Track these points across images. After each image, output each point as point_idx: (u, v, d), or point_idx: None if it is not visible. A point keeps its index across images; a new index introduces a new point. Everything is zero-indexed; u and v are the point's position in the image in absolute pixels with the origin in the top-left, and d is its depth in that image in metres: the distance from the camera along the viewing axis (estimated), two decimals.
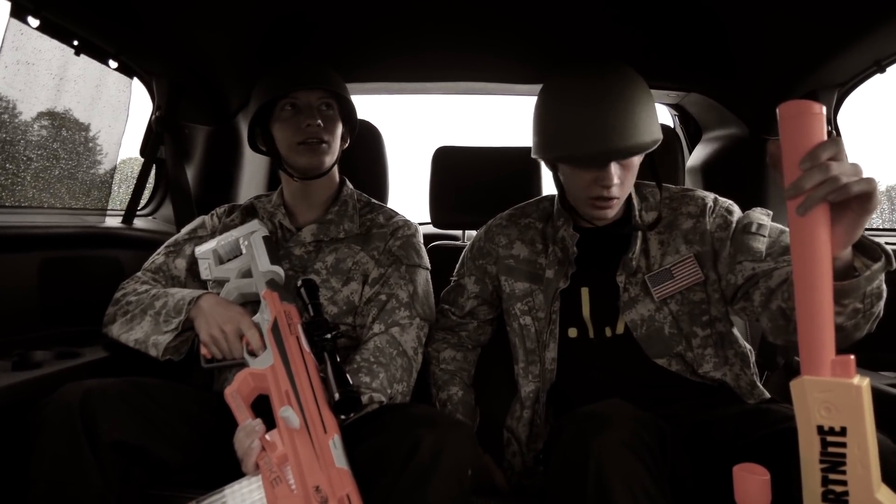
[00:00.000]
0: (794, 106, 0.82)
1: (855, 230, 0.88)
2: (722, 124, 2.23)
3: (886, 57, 1.68)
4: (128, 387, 1.21)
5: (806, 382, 0.80)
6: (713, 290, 1.43)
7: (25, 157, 1.68)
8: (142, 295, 1.45)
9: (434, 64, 2.08)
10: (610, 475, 0.99)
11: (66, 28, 1.58)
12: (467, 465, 1.12)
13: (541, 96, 1.44)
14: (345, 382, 1.14)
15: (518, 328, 1.55)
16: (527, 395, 1.51)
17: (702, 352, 1.41)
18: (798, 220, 0.83)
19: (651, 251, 1.46)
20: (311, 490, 1.02)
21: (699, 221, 1.46)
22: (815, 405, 0.79)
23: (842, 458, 0.78)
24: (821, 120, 0.82)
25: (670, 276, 1.43)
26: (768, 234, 1.36)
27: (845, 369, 0.79)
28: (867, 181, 0.83)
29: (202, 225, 1.66)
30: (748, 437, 1.19)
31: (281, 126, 1.53)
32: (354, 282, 1.53)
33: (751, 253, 1.34)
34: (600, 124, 1.30)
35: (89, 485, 1.08)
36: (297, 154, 1.53)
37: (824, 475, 0.79)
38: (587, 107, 1.32)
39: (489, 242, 1.61)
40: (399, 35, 1.89)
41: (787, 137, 0.84)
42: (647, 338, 1.42)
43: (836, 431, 0.78)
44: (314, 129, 1.51)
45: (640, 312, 1.44)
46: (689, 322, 1.42)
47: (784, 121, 0.83)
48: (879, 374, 1.56)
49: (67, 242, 1.66)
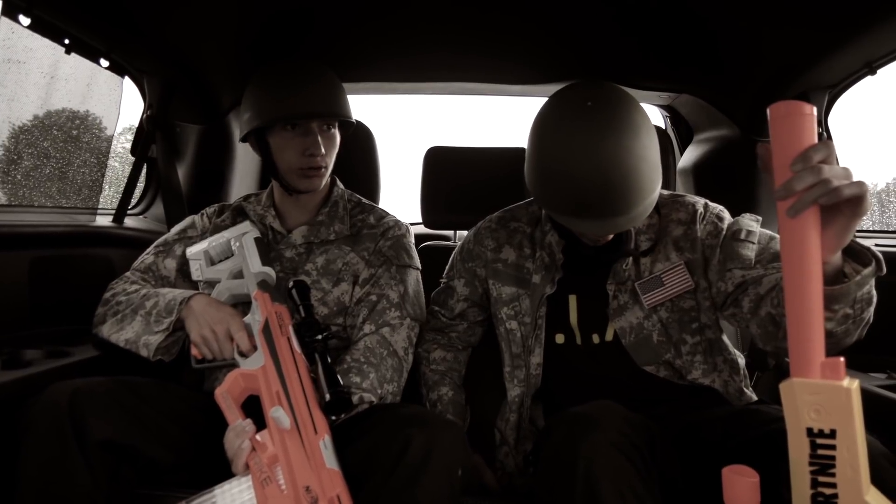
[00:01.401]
0: (785, 106, 0.82)
1: (845, 234, 0.88)
2: (713, 125, 2.23)
3: (877, 59, 1.68)
4: (116, 386, 1.21)
5: (796, 385, 0.80)
6: (703, 297, 1.43)
7: (16, 155, 1.67)
8: (132, 295, 1.45)
9: (426, 64, 2.08)
10: (598, 476, 0.99)
11: (58, 26, 1.57)
12: (458, 465, 1.12)
13: (534, 141, 1.33)
14: (335, 383, 1.14)
15: (504, 332, 1.55)
16: (512, 399, 1.52)
17: (691, 359, 1.41)
18: (788, 223, 0.82)
19: (641, 258, 1.46)
20: (301, 490, 1.02)
21: (690, 228, 1.45)
22: (804, 407, 0.79)
23: (831, 461, 0.78)
24: (812, 121, 0.81)
25: (661, 284, 1.43)
26: (758, 240, 1.36)
27: (835, 371, 0.79)
28: (858, 184, 0.82)
29: (192, 225, 1.65)
30: (737, 437, 1.19)
31: (280, 144, 1.50)
32: (345, 282, 1.53)
33: (740, 260, 1.34)
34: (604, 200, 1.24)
35: (77, 484, 1.07)
36: (297, 178, 1.51)
37: (814, 477, 0.79)
38: (589, 178, 1.21)
39: (478, 245, 1.61)
40: (392, 35, 1.88)
41: (778, 138, 0.83)
42: (635, 345, 1.42)
43: (826, 434, 0.78)
44: (315, 158, 1.49)
45: (630, 320, 1.44)
46: (679, 329, 1.42)
47: (775, 121, 0.83)
48: (869, 376, 1.57)
49: (58, 241, 1.66)
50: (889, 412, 1.35)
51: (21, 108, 1.64)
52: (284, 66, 1.53)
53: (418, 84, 2.25)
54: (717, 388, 1.40)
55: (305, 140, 1.49)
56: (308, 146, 1.48)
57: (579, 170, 1.21)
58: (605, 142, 1.20)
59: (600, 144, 1.20)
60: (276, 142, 1.51)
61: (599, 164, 1.20)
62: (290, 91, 1.48)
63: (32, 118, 1.67)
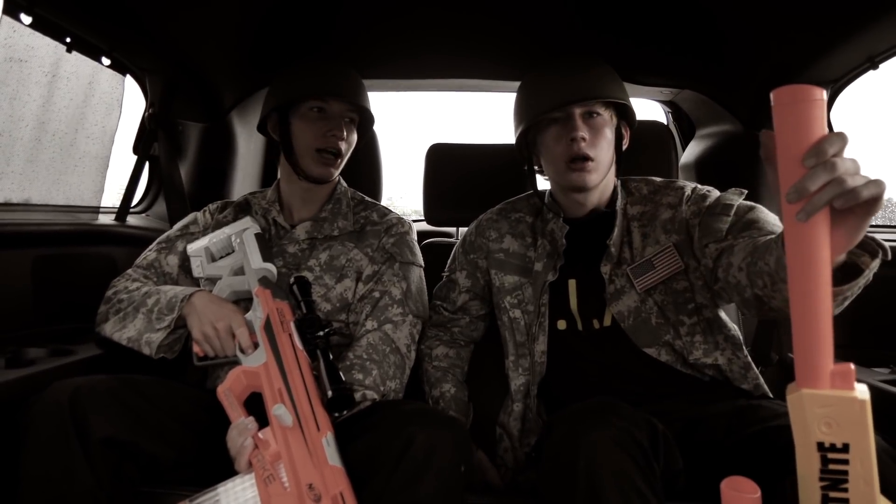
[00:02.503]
0: (791, 91, 0.72)
1: (857, 235, 0.80)
2: (715, 121, 2.23)
3: (879, 53, 1.68)
4: (118, 384, 1.20)
5: (805, 397, 0.74)
6: (695, 277, 1.44)
7: (17, 154, 1.67)
8: (133, 293, 1.45)
9: (428, 61, 2.08)
10: (600, 473, 0.99)
11: (59, 25, 1.57)
12: (460, 462, 1.12)
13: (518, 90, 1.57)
14: (337, 380, 1.14)
15: (508, 321, 1.56)
16: (517, 389, 1.52)
17: (690, 339, 1.41)
18: (795, 224, 0.74)
19: (634, 243, 1.48)
20: (304, 488, 1.01)
21: (677, 210, 1.47)
22: (814, 421, 0.73)
23: (844, 475, 0.73)
24: (822, 107, 0.72)
25: (651, 267, 1.45)
26: (734, 212, 1.37)
27: (845, 380, 0.73)
28: (876, 184, 0.74)
29: (194, 221, 1.65)
30: (739, 434, 1.19)
31: (303, 125, 1.54)
32: (348, 279, 1.53)
33: (713, 234, 1.36)
34: (561, 80, 1.45)
35: (79, 482, 1.07)
36: (313, 161, 1.53)
37: (825, 493, 0.74)
38: (552, 75, 1.47)
39: (480, 237, 1.63)
40: (393, 34, 1.88)
41: (784, 127, 0.74)
42: (634, 328, 1.43)
43: (838, 448, 0.73)
44: (337, 140, 1.52)
45: (627, 304, 1.45)
46: (675, 311, 1.43)
47: (779, 108, 0.73)
48: (872, 371, 1.57)
49: (60, 240, 1.66)
50: (892, 407, 1.35)
51: (23, 106, 1.64)
52: (315, 60, 1.59)
53: (420, 80, 2.25)
54: (721, 366, 1.40)
55: (329, 122, 1.53)
56: (332, 128, 1.52)
57: (547, 73, 1.49)
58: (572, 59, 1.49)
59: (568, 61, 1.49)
60: (299, 123, 1.54)
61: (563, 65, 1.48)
62: (323, 74, 1.54)
63: (34, 117, 1.67)
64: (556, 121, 1.45)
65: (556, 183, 1.54)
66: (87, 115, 1.82)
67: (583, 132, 1.41)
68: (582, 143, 1.41)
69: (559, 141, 1.44)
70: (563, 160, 1.44)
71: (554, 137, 1.45)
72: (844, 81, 1.87)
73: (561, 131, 1.44)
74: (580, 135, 1.41)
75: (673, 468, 1.14)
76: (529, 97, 1.50)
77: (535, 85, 1.51)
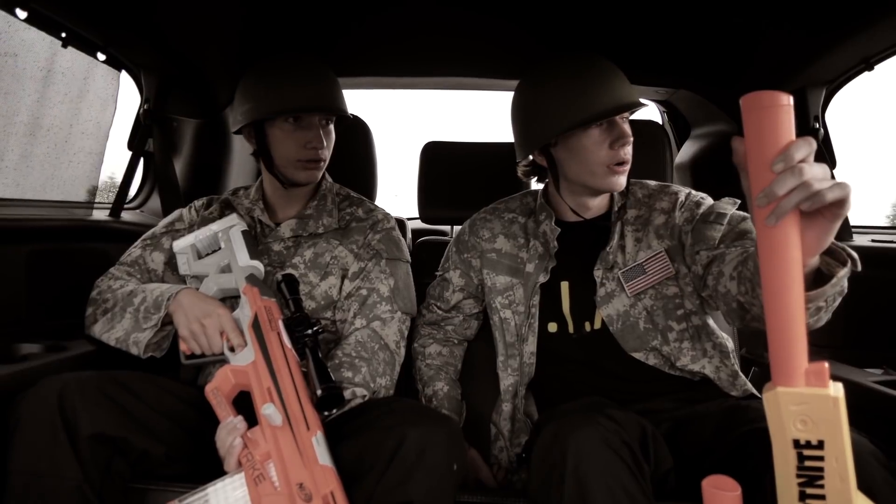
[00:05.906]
0: (759, 97, 0.74)
1: (826, 237, 0.84)
2: (710, 121, 2.23)
3: (874, 54, 1.68)
4: (106, 380, 1.20)
5: (780, 395, 0.76)
6: (685, 283, 1.44)
7: (11, 149, 1.67)
8: (117, 291, 1.44)
9: (423, 59, 2.08)
10: (588, 473, 0.99)
11: (54, 20, 1.57)
12: (453, 460, 1.11)
13: (524, 89, 1.50)
14: (327, 378, 1.13)
15: (498, 321, 1.56)
16: (506, 389, 1.53)
17: (678, 345, 1.42)
18: (766, 227, 0.77)
19: (627, 247, 1.48)
20: (294, 487, 1.01)
21: (670, 216, 1.48)
22: (789, 418, 0.75)
23: (819, 472, 0.75)
24: (789, 113, 0.75)
25: (643, 272, 1.45)
26: (728, 221, 1.37)
27: (820, 378, 0.75)
28: (841, 187, 0.78)
29: (179, 218, 1.65)
30: (727, 434, 1.19)
31: (280, 136, 1.51)
32: (333, 276, 1.53)
33: (706, 242, 1.37)
34: (608, 85, 1.38)
35: (67, 477, 1.07)
36: (295, 170, 1.52)
37: (801, 490, 0.76)
38: (586, 73, 1.40)
39: (473, 236, 1.64)
40: (388, 31, 1.88)
41: (753, 133, 0.76)
42: (622, 332, 1.43)
43: (814, 445, 0.75)
44: (316, 150, 1.51)
45: (616, 307, 1.45)
46: (664, 316, 1.43)
47: (748, 113, 0.75)
48: (865, 371, 1.57)
49: (55, 235, 1.65)
50: (885, 408, 1.35)
51: (17, 101, 1.64)
52: (283, 60, 1.53)
53: (416, 78, 2.24)
54: (708, 375, 1.40)
55: (307, 133, 1.50)
56: (310, 139, 1.50)
57: (574, 72, 1.41)
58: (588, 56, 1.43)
59: (585, 58, 1.42)
60: (276, 134, 1.51)
61: (588, 62, 1.41)
62: (293, 84, 1.49)
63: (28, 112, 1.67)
64: (599, 125, 1.42)
65: (586, 185, 1.47)
66: (81, 110, 1.82)
67: (630, 133, 1.41)
68: (628, 148, 1.41)
69: (601, 145, 1.41)
70: (605, 163, 1.41)
71: (596, 141, 1.41)
72: (840, 82, 1.88)
73: (605, 135, 1.41)
74: (630, 135, 1.41)
75: (663, 468, 1.14)
76: (568, 101, 1.40)
77: (576, 87, 1.40)
